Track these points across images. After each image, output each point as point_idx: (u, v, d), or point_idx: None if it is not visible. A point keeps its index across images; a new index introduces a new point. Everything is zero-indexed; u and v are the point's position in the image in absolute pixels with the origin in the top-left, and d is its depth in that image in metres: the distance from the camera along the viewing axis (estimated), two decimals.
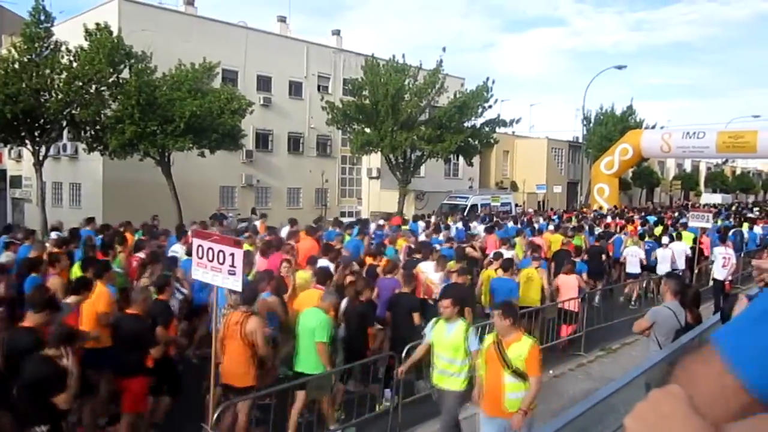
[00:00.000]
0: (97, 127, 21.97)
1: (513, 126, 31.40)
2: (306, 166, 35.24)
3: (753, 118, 48.50)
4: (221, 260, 5.71)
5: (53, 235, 13.17)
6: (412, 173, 30.20)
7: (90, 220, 15.49)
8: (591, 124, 45.95)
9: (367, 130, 28.56)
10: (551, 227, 19.41)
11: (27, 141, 21.40)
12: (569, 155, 51.04)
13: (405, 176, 29.72)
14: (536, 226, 20.13)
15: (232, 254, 5.65)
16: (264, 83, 33.38)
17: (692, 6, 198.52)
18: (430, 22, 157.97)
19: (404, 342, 7.83)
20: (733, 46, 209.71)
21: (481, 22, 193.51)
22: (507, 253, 12.41)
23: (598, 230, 20.50)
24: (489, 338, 6.23)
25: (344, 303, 8.25)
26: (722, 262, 14.71)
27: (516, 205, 36.11)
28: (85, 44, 21.36)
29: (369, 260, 11.33)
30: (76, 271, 8.69)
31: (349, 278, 9.39)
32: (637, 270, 15.91)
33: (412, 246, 13.11)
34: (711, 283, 15.24)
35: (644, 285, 16.08)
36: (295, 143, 35.24)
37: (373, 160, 35.14)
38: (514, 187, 45.87)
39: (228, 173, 30.86)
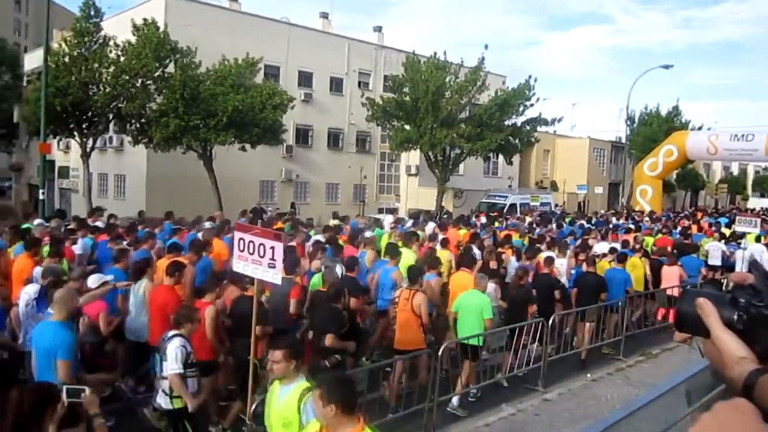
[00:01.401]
0: (142, 120, 22.45)
1: (554, 125, 31.06)
2: (345, 162, 35.39)
3: None
4: (262, 253, 5.78)
5: (208, 224, 13.25)
6: (450, 171, 30.05)
7: (169, 214, 15.45)
8: (635, 125, 45.07)
9: (407, 127, 28.52)
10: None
11: (75, 133, 22.03)
12: (611, 156, 50.13)
13: (444, 174, 29.60)
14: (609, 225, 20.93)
15: (273, 247, 5.71)
16: (305, 79, 33.62)
17: (742, 4, 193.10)
18: (472, 19, 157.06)
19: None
20: None
21: (524, 20, 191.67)
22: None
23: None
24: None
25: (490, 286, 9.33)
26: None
27: (556, 205, 35.66)
28: (133, 39, 21.85)
29: None
30: None
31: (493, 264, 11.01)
32: (719, 263, 15.99)
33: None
34: None
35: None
36: (334, 139, 35.43)
37: (412, 157, 35.08)
38: (554, 186, 45.27)
39: (268, 168, 31.18)
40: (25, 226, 12.41)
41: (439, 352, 7.91)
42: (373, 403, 7.27)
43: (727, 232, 19.78)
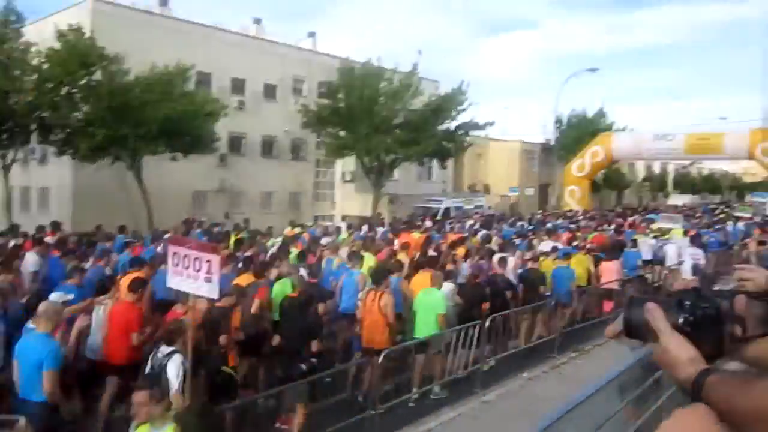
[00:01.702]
0: (67, 130, 21.61)
1: (487, 129, 31.73)
2: (279, 170, 35.04)
3: (720, 120, 49.44)
4: (197, 268, 5.70)
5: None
6: (386, 177, 30.24)
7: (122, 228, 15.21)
8: (563, 127, 46.45)
9: (342, 133, 28.55)
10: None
11: None
12: (541, 158, 51.47)
13: (379, 180, 29.77)
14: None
15: (209, 261, 5.64)
16: (238, 86, 33.14)
17: (661, 10, 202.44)
18: (405, 26, 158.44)
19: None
20: (700, 50, 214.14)
21: (457, 25, 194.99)
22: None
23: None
24: None
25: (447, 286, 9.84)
26: (693, 262, 15.00)
27: (488, 208, 36.38)
28: (57, 45, 21.04)
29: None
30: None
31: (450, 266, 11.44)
32: (650, 257, 16.90)
33: None
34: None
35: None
36: (268, 147, 35.04)
37: (347, 164, 35.09)
38: (486, 189, 46.17)
39: (200, 177, 30.52)
40: None
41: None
42: (343, 404, 7.70)
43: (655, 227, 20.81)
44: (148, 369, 5.98)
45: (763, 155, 33.00)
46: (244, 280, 8.98)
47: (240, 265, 10.43)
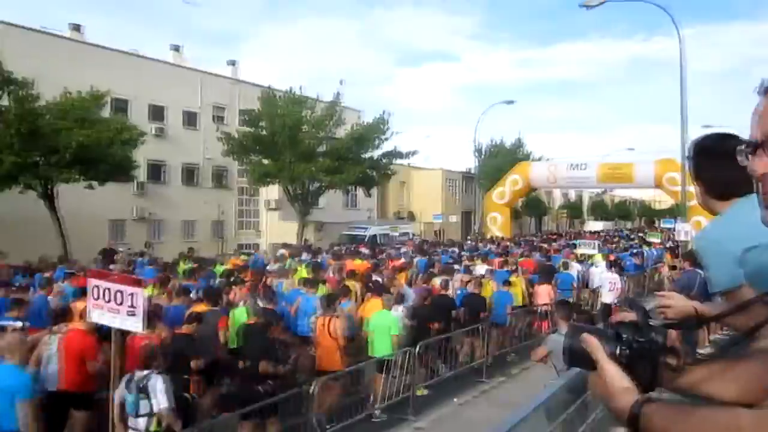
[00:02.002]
0: None
1: (409, 158, 32.10)
2: (202, 198, 34.27)
3: (628, 151, 52.15)
4: (119, 301, 5.42)
5: None
6: (311, 204, 30.08)
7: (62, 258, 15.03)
8: (483, 156, 47.70)
9: (265, 161, 28.27)
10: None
11: None
12: (463, 186, 52.66)
13: (304, 208, 29.56)
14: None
15: (132, 294, 5.37)
16: (157, 113, 32.34)
17: (575, 45, 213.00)
18: (326, 55, 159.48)
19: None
20: (609, 84, 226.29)
21: (378, 56, 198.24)
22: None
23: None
24: None
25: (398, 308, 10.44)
26: (609, 287, 15.59)
27: (414, 235, 36.72)
28: None
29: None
30: None
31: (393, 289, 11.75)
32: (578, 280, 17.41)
33: None
34: (599, 306, 16.10)
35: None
36: (189, 174, 34.27)
37: (272, 192, 34.73)
38: (411, 217, 46.68)
39: (118, 206, 29.43)
40: None
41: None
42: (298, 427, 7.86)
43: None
44: (122, 394, 5.93)
45: (669, 185, 34.86)
46: (199, 309, 8.91)
47: (194, 294, 10.26)
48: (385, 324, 9.62)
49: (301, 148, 27.08)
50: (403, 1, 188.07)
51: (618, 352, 1.33)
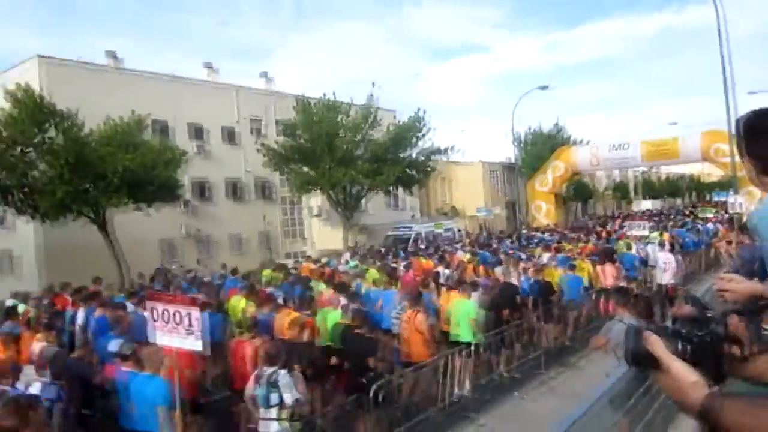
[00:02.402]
0: (26, 190, 21.12)
1: (448, 153, 31.93)
2: (247, 212, 34.79)
3: (671, 125, 50.85)
4: (177, 320, 5.53)
5: None
6: (354, 208, 30.22)
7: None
8: (522, 145, 47.17)
9: (306, 169, 28.53)
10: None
11: None
12: (505, 176, 52.13)
13: (347, 212, 29.73)
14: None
15: (189, 313, 5.48)
16: (196, 131, 32.97)
17: (601, 24, 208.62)
18: (356, 58, 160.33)
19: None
20: (642, 59, 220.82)
21: (406, 54, 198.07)
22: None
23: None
24: None
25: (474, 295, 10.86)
26: (664, 267, 15.22)
27: (459, 230, 36.55)
28: (6, 106, 20.65)
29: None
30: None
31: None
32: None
33: None
34: (656, 288, 15.76)
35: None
36: (233, 189, 34.82)
37: (315, 199, 35.03)
38: (455, 212, 46.46)
39: (168, 225, 30.12)
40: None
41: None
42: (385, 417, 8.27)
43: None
44: (252, 390, 6.61)
45: (717, 156, 33.85)
46: (286, 314, 9.34)
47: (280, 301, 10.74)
48: (464, 310, 10.07)
49: (340, 153, 27.24)
50: None
51: (680, 348, 1.32)
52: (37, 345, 8.29)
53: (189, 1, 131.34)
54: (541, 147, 45.62)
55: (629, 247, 17.55)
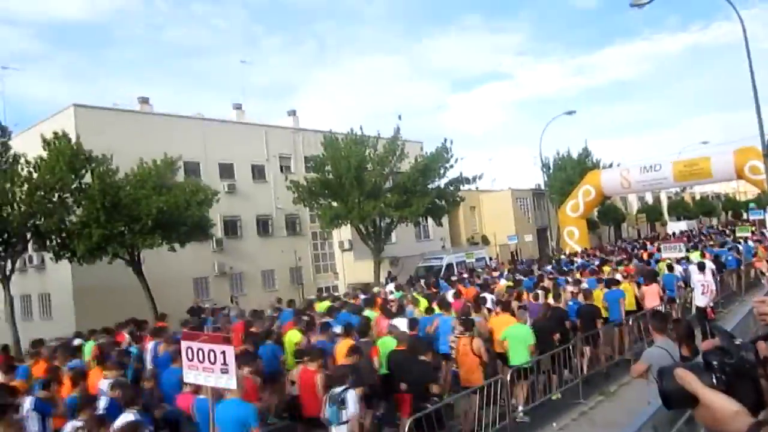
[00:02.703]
0: (63, 234, 21.66)
1: (476, 182, 31.93)
2: (277, 247, 35.06)
3: (702, 145, 50.17)
4: (212, 360, 5.59)
5: None
6: (383, 241, 30.27)
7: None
8: (551, 170, 46.92)
9: (335, 203, 28.73)
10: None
11: None
12: (534, 203, 51.81)
13: (377, 245, 29.78)
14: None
15: (223, 352, 5.54)
16: (226, 170, 33.52)
17: (626, 46, 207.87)
18: (379, 91, 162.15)
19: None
20: (670, 79, 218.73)
21: (430, 85, 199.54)
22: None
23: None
24: None
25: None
26: (701, 290, 14.89)
27: (490, 258, 36.31)
28: (44, 154, 21.31)
29: None
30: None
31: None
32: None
33: None
34: (694, 311, 15.45)
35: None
36: (263, 226, 35.18)
37: (344, 233, 35.18)
38: (485, 241, 46.20)
39: (200, 264, 30.52)
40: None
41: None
42: None
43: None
44: (325, 409, 7.38)
45: (752, 174, 33.21)
46: (346, 343, 9.60)
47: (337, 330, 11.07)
48: (521, 335, 10.53)
49: (368, 186, 27.41)
50: (448, 28, 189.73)
51: (714, 380, 1.31)
52: (104, 381, 8.49)
53: (216, 46, 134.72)
54: (570, 172, 45.33)
55: (671, 269, 17.58)
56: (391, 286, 22.30)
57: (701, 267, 16.48)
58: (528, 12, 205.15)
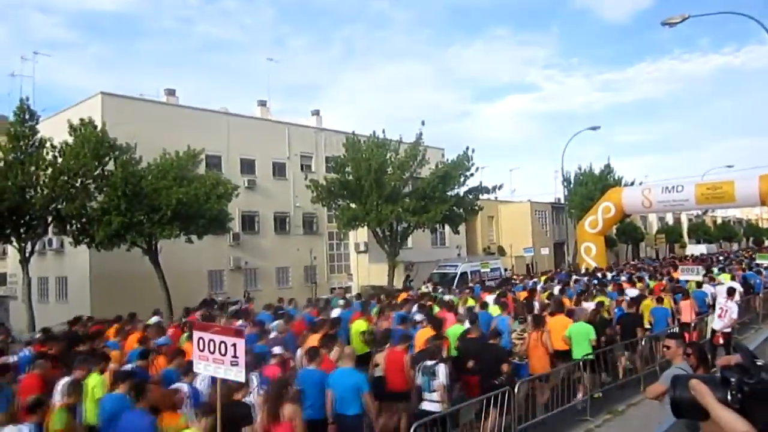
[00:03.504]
0: (83, 219, 21.93)
1: (495, 192, 31.77)
2: (293, 245, 35.22)
3: (727, 168, 49.54)
4: (223, 351, 5.63)
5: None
6: (399, 245, 30.23)
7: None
8: (571, 185, 46.61)
9: (353, 205, 28.76)
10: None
11: (12, 238, 21.26)
12: (553, 217, 51.51)
13: (393, 249, 29.74)
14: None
15: (234, 344, 5.58)
16: (247, 166, 33.75)
17: (655, 64, 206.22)
18: (404, 96, 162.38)
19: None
20: (699, 100, 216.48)
21: (454, 94, 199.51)
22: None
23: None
24: None
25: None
26: (719, 313, 14.60)
27: (505, 270, 36.12)
28: (70, 139, 21.61)
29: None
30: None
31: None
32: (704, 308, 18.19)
33: None
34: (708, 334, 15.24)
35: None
36: (281, 223, 35.35)
37: (360, 235, 35.20)
38: (501, 251, 46.00)
39: (216, 257, 30.74)
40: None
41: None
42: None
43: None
44: (419, 378, 8.81)
45: None
46: (425, 331, 11.26)
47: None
48: (584, 331, 11.87)
49: (387, 190, 27.40)
50: (475, 38, 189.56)
51: (729, 397, 1.29)
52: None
53: (244, 43, 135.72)
54: (591, 188, 45.01)
55: (700, 286, 18.78)
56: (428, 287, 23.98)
57: (730, 292, 16.05)
58: (558, 26, 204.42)
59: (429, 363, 8.70)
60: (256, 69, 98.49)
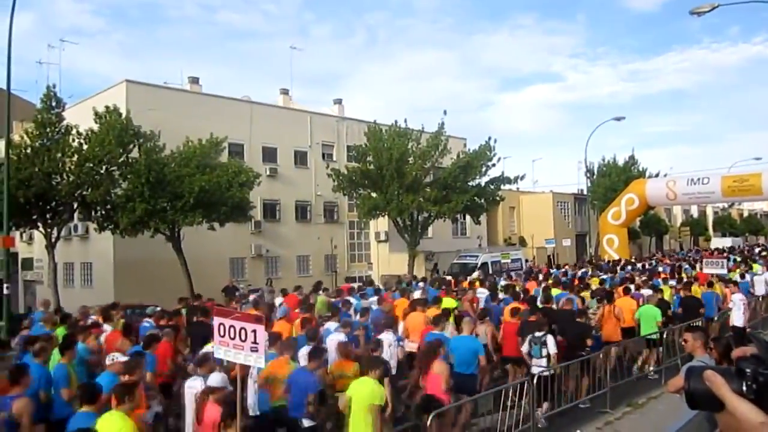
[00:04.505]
0: (108, 206, 22.22)
1: (517, 182, 31.52)
2: (314, 234, 35.38)
3: (755, 161, 48.66)
4: (243, 337, 5.68)
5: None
6: (420, 235, 30.18)
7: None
8: (594, 176, 46.14)
9: (374, 194, 28.77)
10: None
11: (39, 224, 21.63)
12: (575, 208, 51.06)
13: (413, 238, 29.71)
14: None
15: (254, 331, 5.63)
16: (269, 154, 33.90)
17: (683, 54, 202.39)
18: (426, 85, 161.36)
19: None
20: (728, 90, 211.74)
21: (477, 83, 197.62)
22: None
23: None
24: None
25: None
26: (742, 308, 14.50)
27: (526, 261, 35.94)
28: (95, 127, 21.86)
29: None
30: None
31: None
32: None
33: None
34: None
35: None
36: (302, 211, 35.51)
37: (381, 224, 35.22)
38: (522, 242, 45.76)
39: (237, 245, 30.97)
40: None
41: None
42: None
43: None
44: (529, 347, 10.39)
45: None
46: (509, 307, 13.23)
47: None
48: (651, 313, 13.54)
49: (408, 179, 27.34)
50: (499, 27, 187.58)
51: (744, 388, 1.28)
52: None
53: (267, 31, 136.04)
54: (615, 179, 44.53)
55: (742, 276, 19.66)
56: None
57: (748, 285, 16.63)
58: (584, 15, 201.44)
59: (538, 334, 10.28)
60: (279, 57, 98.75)
